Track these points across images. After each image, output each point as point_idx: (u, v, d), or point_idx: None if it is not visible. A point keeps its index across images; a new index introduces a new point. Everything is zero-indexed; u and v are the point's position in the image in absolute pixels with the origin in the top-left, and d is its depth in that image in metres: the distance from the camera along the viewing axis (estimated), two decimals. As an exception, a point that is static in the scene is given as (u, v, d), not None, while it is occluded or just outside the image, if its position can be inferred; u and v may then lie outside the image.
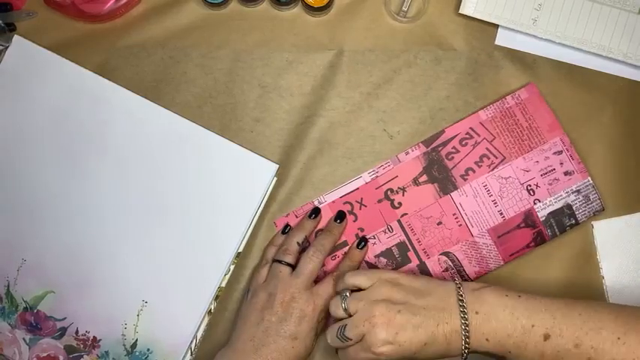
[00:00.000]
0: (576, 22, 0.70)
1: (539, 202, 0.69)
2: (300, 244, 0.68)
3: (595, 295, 0.69)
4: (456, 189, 0.70)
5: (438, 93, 0.72)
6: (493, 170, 0.69)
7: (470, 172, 0.70)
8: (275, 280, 0.65)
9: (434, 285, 0.60)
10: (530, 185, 0.69)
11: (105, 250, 0.72)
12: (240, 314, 0.66)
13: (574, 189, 0.69)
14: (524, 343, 0.56)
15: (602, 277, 0.69)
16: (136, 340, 0.71)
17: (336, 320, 0.61)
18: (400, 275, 0.61)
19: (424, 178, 0.70)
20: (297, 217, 0.71)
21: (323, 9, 0.72)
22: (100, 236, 0.72)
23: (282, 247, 0.68)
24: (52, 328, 0.72)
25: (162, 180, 0.72)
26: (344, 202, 0.71)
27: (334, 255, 0.70)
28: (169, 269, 0.71)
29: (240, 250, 0.71)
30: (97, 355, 0.71)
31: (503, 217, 0.69)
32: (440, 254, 0.69)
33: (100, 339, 0.71)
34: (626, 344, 0.54)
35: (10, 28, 0.74)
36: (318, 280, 0.67)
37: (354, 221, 0.70)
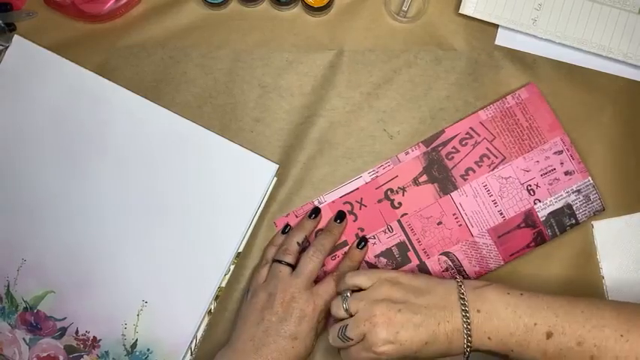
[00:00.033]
0: (576, 22, 0.70)
1: (539, 202, 0.69)
2: (300, 244, 0.68)
3: (595, 295, 0.69)
4: (456, 189, 0.70)
5: (438, 93, 0.72)
6: (493, 170, 0.69)
7: (470, 172, 0.70)
8: (275, 280, 0.65)
9: (434, 283, 0.60)
10: (531, 185, 0.69)
11: (105, 250, 0.72)
12: (240, 314, 0.66)
13: (574, 189, 0.69)
14: (526, 341, 0.56)
15: (602, 276, 0.69)
16: (136, 340, 0.71)
17: (337, 320, 0.61)
18: (400, 274, 0.61)
19: (424, 178, 0.70)
20: (297, 217, 0.71)
21: (323, 9, 0.72)
22: (100, 236, 0.72)
23: (282, 247, 0.68)
24: (52, 328, 0.72)
25: (162, 180, 0.72)
26: (344, 202, 0.71)
27: (334, 255, 0.70)
28: (169, 269, 0.71)
29: (240, 250, 0.71)
30: (97, 355, 0.71)
31: (503, 217, 0.69)
32: (440, 254, 0.69)
33: (100, 339, 0.71)
34: (629, 341, 0.54)
35: (10, 28, 0.74)
36: (318, 280, 0.67)
37: (354, 221, 0.70)
